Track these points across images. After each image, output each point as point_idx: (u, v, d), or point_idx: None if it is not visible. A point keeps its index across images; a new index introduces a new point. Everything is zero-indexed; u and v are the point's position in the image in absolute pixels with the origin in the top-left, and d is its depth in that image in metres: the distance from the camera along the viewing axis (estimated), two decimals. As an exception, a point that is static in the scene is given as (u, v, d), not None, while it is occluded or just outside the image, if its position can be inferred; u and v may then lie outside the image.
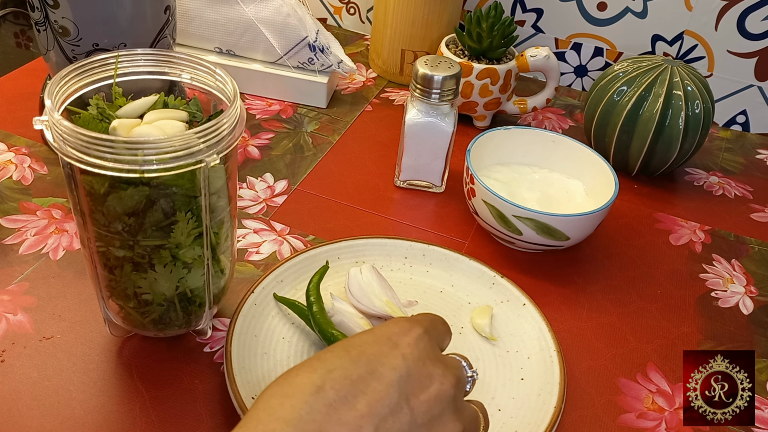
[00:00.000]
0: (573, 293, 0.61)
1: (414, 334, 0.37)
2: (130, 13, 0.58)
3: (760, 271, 0.66)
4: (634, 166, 0.75)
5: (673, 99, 0.70)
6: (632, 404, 0.52)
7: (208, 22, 0.80)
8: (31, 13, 0.60)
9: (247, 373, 0.48)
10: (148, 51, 0.46)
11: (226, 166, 0.45)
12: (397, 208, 0.69)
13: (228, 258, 0.50)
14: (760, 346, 0.58)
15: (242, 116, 0.43)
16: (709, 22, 0.84)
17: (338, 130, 0.79)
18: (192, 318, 0.49)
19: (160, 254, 0.44)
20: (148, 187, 0.41)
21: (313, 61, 0.80)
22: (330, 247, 0.58)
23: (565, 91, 0.94)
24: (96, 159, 0.38)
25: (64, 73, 0.43)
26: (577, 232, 0.60)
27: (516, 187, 0.66)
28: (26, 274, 0.56)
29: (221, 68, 0.45)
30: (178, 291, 0.46)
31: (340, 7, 1.01)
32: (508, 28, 0.76)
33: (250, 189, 0.68)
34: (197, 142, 0.40)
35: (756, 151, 0.85)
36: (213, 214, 0.45)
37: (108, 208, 0.42)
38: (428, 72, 0.64)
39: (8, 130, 0.71)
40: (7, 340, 0.51)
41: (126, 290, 0.46)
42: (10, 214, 0.61)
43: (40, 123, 0.40)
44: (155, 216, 0.42)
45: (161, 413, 0.47)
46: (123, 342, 0.51)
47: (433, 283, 0.58)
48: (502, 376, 0.51)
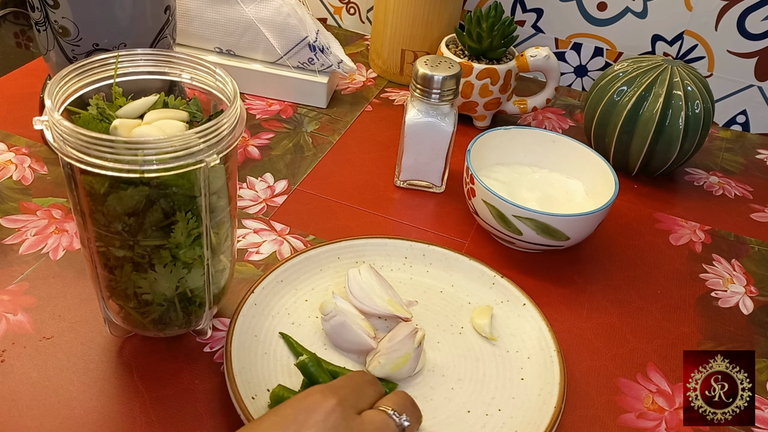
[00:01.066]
0: (573, 293, 0.61)
1: (324, 409, 0.36)
2: (130, 13, 0.58)
3: (760, 271, 0.66)
4: (634, 166, 0.75)
5: (673, 99, 0.70)
6: (632, 404, 0.52)
7: (208, 22, 0.80)
8: (31, 13, 0.60)
9: (247, 373, 0.48)
10: (148, 51, 0.46)
11: (226, 166, 0.45)
12: (397, 208, 0.69)
13: (228, 258, 0.50)
14: (760, 346, 0.58)
15: (242, 116, 0.43)
16: (709, 22, 0.84)
17: (338, 130, 0.79)
18: (192, 318, 0.49)
19: (160, 254, 0.44)
20: (148, 187, 0.41)
21: (313, 61, 0.80)
22: (330, 247, 0.58)
23: (565, 91, 0.94)
24: (96, 159, 0.38)
25: (64, 73, 0.43)
26: (577, 232, 0.60)
27: (516, 187, 0.66)
28: (26, 274, 0.56)
29: (221, 68, 0.45)
30: (178, 291, 0.46)
31: (340, 7, 1.01)
32: (508, 28, 0.76)
33: (250, 189, 0.68)
34: (197, 142, 0.40)
35: (756, 151, 0.85)
36: (213, 214, 0.45)
37: (108, 208, 0.42)
38: (428, 72, 0.64)
39: (8, 130, 0.71)
40: (7, 340, 0.51)
41: (126, 290, 0.46)
42: (10, 214, 0.61)
43: (40, 123, 0.40)
44: (155, 216, 0.42)
45: (161, 413, 0.47)
46: (123, 342, 0.51)
47: (433, 283, 0.58)
48: (502, 376, 0.51)
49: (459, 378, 0.51)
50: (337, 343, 0.52)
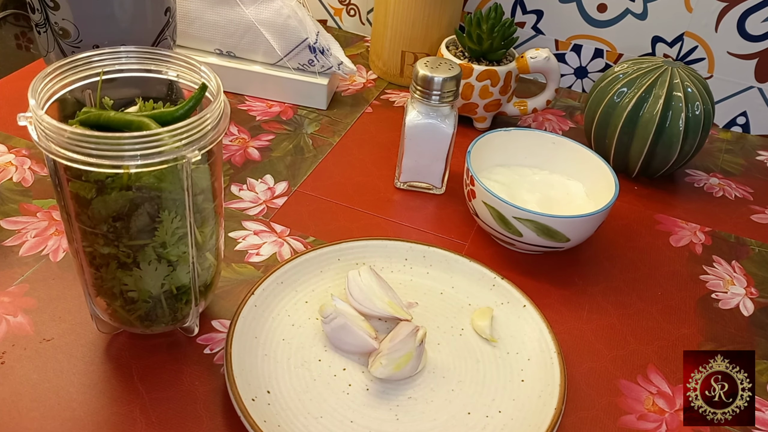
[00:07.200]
0: (573, 295, 0.61)
1: None
2: (130, 14, 0.58)
3: (760, 273, 0.66)
4: (634, 168, 0.75)
5: (673, 100, 0.70)
6: (633, 406, 0.52)
7: (208, 23, 0.80)
8: (31, 15, 0.60)
9: (247, 374, 0.48)
10: (131, 48, 0.46)
11: (210, 162, 0.45)
12: (397, 209, 0.69)
13: (214, 255, 0.50)
14: (760, 347, 0.58)
15: (226, 112, 0.43)
16: (710, 23, 0.84)
17: (338, 131, 0.79)
18: (178, 315, 0.49)
19: (145, 252, 0.44)
20: (132, 191, 0.41)
21: (313, 63, 0.80)
22: (330, 249, 0.58)
23: (566, 93, 0.94)
24: (80, 155, 0.38)
25: (48, 70, 0.43)
26: (578, 233, 0.60)
27: (516, 189, 0.66)
28: (26, 275, 0.56)
29: (206, 65, 0.45)
30: (164, 288, 0.46)
31: (340, 9, 1.01)
32: (509, 29, 0.76)
33: (251, 190, 0.68)
34: (180, 137, 0.40)
35: (756, 153, 0.85)
36: (198, 213, 0.45)
37: (93, 211, 0.42)
38: (428, 73, 0.64)
39: (9, 132, 0.71)
40: (7, 341, 0.51)
41: (112, 288, 0.46)
42: (10, 215, 0.61)
43: (24, 119, 0.40)
44: (141, 220, 0.42)
45: (161, 415, 0.47)
46: (123, 344, 0.51)
47: (434, 285, 0.58)
48: (502, 378, 0.51)
49: (459, 380, 0.51)
50: (338, 345, 0.52)
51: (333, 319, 0.51)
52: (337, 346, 0.52)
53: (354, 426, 0.47)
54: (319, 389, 0.49)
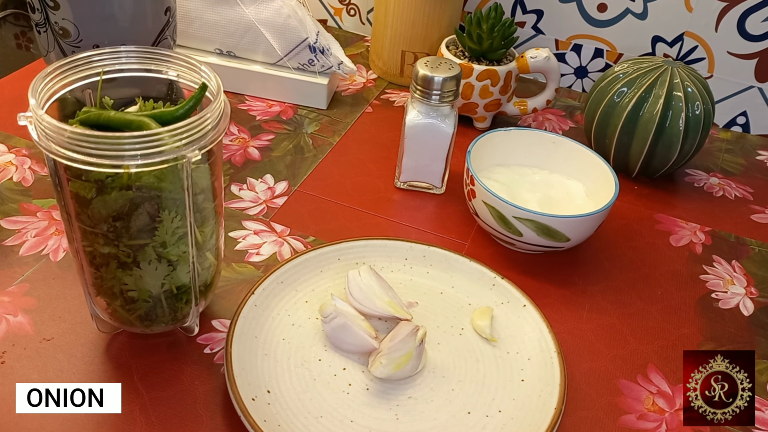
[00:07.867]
0: (573, 294, 0.61)
1: None
2: (130, 14, 0.58)
3: (760, 273, 0.66)
4: (634, 168, 0.75)
5: (673, 100, 0.70)
6: (633, 405, 0.52)
7: (208, 23, 0.80)
8: (31, 15, 0.60)
9: (247, 374, 0.48)
10: (131, 48, 0.46)
11: (210, 162, 0.45)
12: (397, 209, 0.69)
13: (214, 255, 0.50)
14: (760, 347, 0.58)
15: (226, 111, 0.43)
16: (710, 23, 0.84)
17: (338, 131, 0.79)
18: (178, 315, 0.49)
19: (145, 252, 0.44)
20: (132, 190, 0.41)
21: (313, 63, 0.80)
22: (330, 249, 0.58)
23: (566, 93, 0.94)
24: (80, 155, 0.38)
25: (48, 70, 0.43)
26: (578, 233, 0.60)
27: (516, 189, 0.66)
28: (26, 275, 0.56)
29: (206, 65, 0.45)
30: (164, 288, 0.46)
31: (340, 9, 1.01)
32: (509, 29, 0.76)
33: (251, 190, 0.68)
34: (181, 136, 0.40)
35: (756, 153, 0.85)
36: (198, 213, 0.45)
37: (93, 211, 0.42)
38: (428, 73, 0.64)
39: (9, 131, 0.71)
40: (7, 341, 0.51)
41: (112, 288, 0.46)
42: (10, 215, 0.61)
43: (24, 119, 0.40)
44: (141, 220, 0.42)
45: (161, 414, 0.47)
46: (123, 343, 0.51)
47: (434, 285, 0.58)
48: (502, 378, 0.51)
49: (459, 379, 0.51)
50: (338, 345, 0.52)
51: (333, 318, 0.51)
52: (337, 346, 0.52)
53: (354, 426, 0.47)
54: (319, 389, 0.49)
